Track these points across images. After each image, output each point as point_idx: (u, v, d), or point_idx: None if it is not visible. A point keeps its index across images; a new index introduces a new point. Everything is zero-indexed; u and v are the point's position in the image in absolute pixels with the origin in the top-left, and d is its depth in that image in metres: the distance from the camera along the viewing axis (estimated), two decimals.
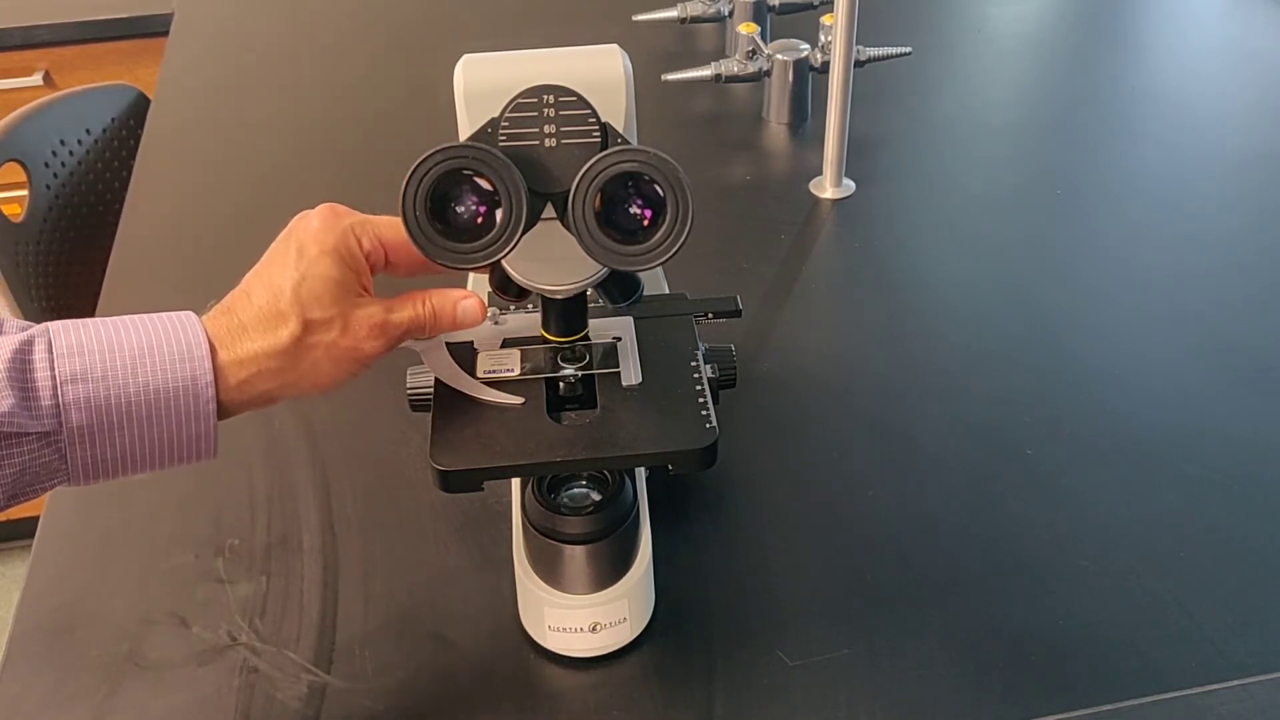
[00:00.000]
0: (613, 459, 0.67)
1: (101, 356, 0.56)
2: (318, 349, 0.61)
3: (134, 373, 0.57)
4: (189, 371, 0.58)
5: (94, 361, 0.56)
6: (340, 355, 0.62)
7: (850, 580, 0.76)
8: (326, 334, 0.61)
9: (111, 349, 0.57)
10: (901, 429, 0.89)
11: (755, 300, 1.03)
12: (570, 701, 0.69)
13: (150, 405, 0.57)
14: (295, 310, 0.60)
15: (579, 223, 0.60)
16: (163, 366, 0.57)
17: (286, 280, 0.61)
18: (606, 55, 0.65)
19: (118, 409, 0.56)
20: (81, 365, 0.56)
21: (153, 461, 0.59)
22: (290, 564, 0.78)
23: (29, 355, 0.56)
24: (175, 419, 0.58)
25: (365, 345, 0.63)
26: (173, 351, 0.58)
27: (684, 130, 1.33)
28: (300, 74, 1.51)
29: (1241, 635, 0.72)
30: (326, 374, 0.62)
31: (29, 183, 1.34)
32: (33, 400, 0.55)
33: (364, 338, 0.62)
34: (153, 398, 0.57)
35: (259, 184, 1.27)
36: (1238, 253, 1.09)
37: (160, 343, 0.58)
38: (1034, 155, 1.28)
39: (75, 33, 1.78)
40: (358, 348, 0.62)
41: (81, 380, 0.56)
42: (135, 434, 0.57)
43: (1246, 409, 0.90)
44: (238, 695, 0.70)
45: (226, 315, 0.61)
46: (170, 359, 0.58)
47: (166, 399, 0.57)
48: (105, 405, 0.56)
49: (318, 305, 0.61)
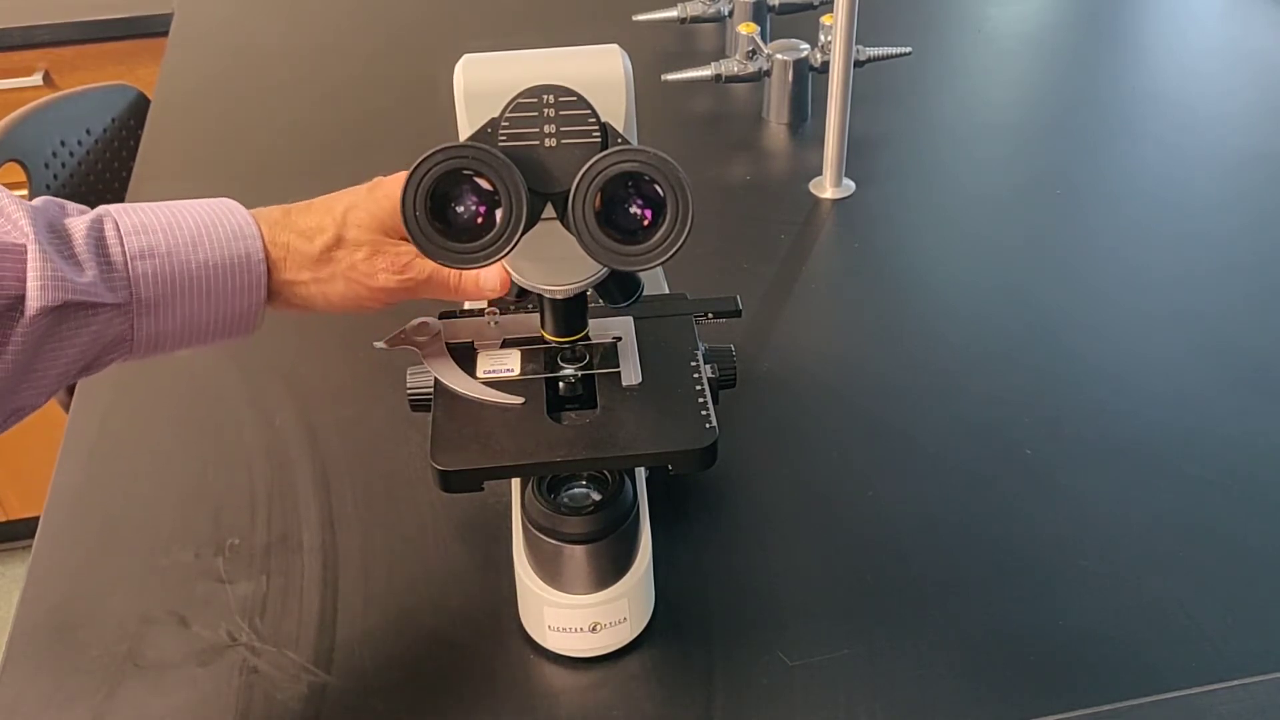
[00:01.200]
0: (613, 459, 0.67)
1: (165, 234, 0.61)
2: (340, 264, 0.66)
3: (195, 248, 0.62)
4: (243, 248, 0.63)
5: (158, 239, 0.61)
6: (355, 277, 0.66)
7: (850, 580, 0.76)
8: (352, 255, 0.66)
9: (172, 228, 0.62)
10: (901, 429, 0.89)
11: (755, 300, 1.03)
12: (570, 701, 0.69)
13: (210, 279, 0.62)
14: (335, 226, 0.66)
15: (579, 223, 0.60)
16: (221, 244, 0.63)
17: (343, 202, 0.67)
18: (606, 55, 0.65)
19: (181, 282, 0.61)
20: (149, 242, 0.61)
21: (206, 334, 0.64)
22: (290, 563, 0.78)
23: (101, 232, 0.60)
24: (231, 291, 0.63)
25: (380, 276, 0.67)
26: (228, 230, 0.63)
27: (684, 130, 1.33)
28: (300, 74, 1.51)
29: (1241, 635, 0.72)
30: (338, 293, 0.67)
31: (29, 183, 1.34)
32: (110, 272, 0.60)
33: (382, 268, 0.66)
34: (212, 271, 0.62)
35: (258, 184, 1.27)
36: (1238, 253, 1.09)
37: (216, 222, 0.63)
38: (1034, 155, 1.28)
39: (75, 33, 1.78)
40: (373, 275, 0.66)
41: (149, 256, 0.61)
42: (196, 306, 0.62)
43: (1246, 409, 0.90)
44: (237, 695, 0.70)
45: (281, 210, 0.67)
46: (227, 236, 0.63)
47: (224, 273, 0.63)
48: (170, 278, 0.61)
49: (356, 229, 0.66)
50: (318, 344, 0.99)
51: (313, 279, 0.66)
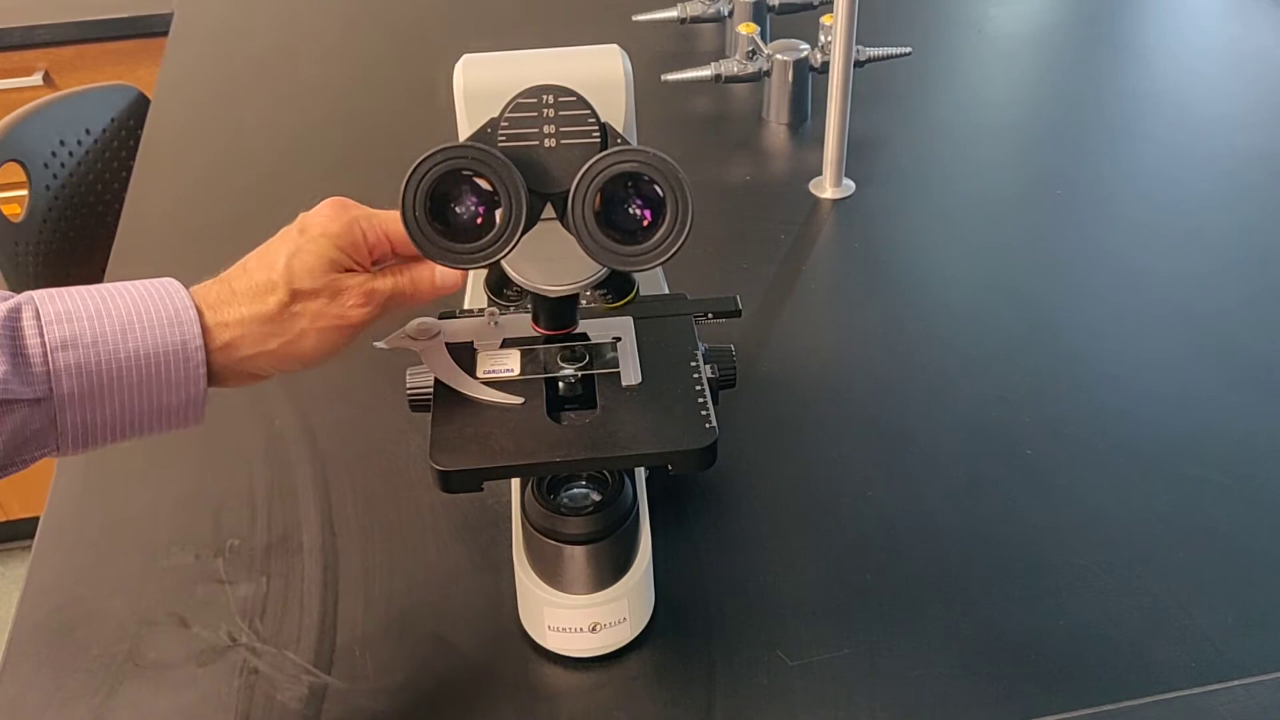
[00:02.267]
0: (612, 459, 0.67)
1: (91, 323, 0.57)
2: (303, 318, 0.62)
3: (124, 338, 0.57)
4: (178, 336, 0.58)
5: (83, 328, 0.57)
6: (327, 324, 0.63)
7: (850, 580, 0.76)
8: (313, 302, 0.62)
9: (100, 315, 0.57)
10: (901, 429, 0.89)
11: (755, 300, 1.03)
12: (570, 701, 0.69)
13: (141, 370, 0.57)
14: (285, 279, 0.62)
15: (579, 223, 0.60)
16: (152, 331, 0.58)
17: (282, 254, 0.62)
18: (606, 55, 0.65)
19: (109, 374, 0.57)
20: (71, 331, 0.56)
21: (142, 427, 0.59)
22: (290, 564, 0.78)
23: (18, 321, 0.56)
24: (166, 383, 0.58)
25: (352, 313, 0.64)
26: (162, 316, 0.58)
27: (684, 130, 1.33)
28: (300, 74, 1.51)
29: (1241, 635, 0.72)
30: (312, 345, 0.63)
31: (29, 183, 1.34)
32: (24, 366, 0.55)
33: (350, 305, 0.63)
34: (143, 362, 0.57)
35: (258, 184, 1.27)
36: (1238, 253, 1.09)
37: (148, 308, 0.58)
38: (1034, 155, 1.28)
39: (75, 33, 1.78)
40: (344, 315, 0.63)
41: (72, 346, 0.56)
42: (126, 399, 0.58)
43: (1246, 409, 0.90)
44: (238, 696, 0.70)
45: (219, 284, 0.62)
46: (159, 323, 0.58)
47: (157, 363, 0.58)
48: (96, 371, 0.56)
49: (308, 277, 0.62)
50: None
51: (280, 344, 0.62)
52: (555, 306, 0.70)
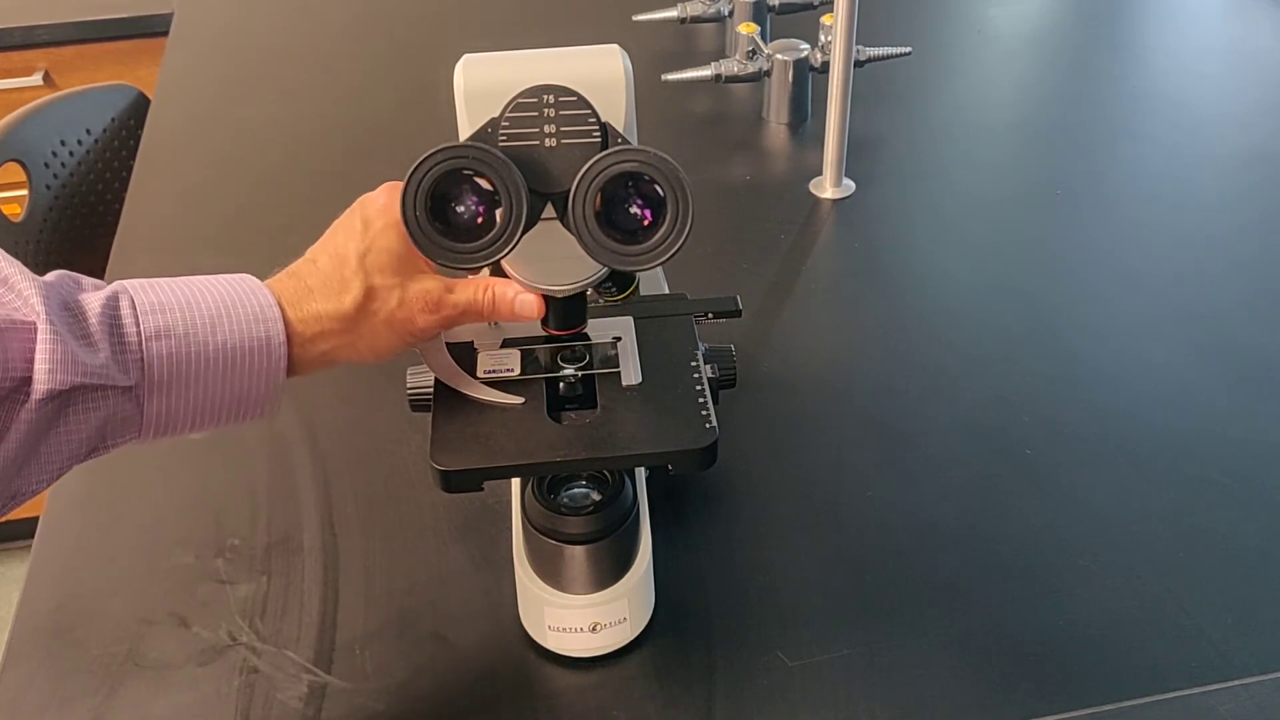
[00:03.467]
0: (612, 459, 0.67)
1: (183, 314, 0.59)
2: (378, 316, 0.64)
3: (213, 330, 0.59)
4: (264, 331, 0.60)
5: (176, 319, 0.58)
6: (398, 326, 0.64)
7: (850, 580, 0.76)
8: (387, 303, 0.64)
9: (190, 306, 0.59)
10: (901, 429, 0.89)
11: (755, 300, 1.03)
12: (570, 701, 0.69)
13: (227, 362, 0.59)
14: (360, 277, 0.63)
15: (579, 223, 0.60)
16: (239, 326, 0.60)
17: (352, 249, 0.63)
18: (606, 55, 0.65)
19: (197, 365, 0.59)
20: (165, 322, 0.58)
21: (220, 417, 0.61)
22: (290, 564, 0.78)
23: (116, 310, 0.58)
24: (248, 375, 0.60)
25: (419, 319, 0.65)
26: (248, 312, 0.60)
27: (684, 130, 1.33)
28: (300, 74, 1.51)
29: (1241, 635, 0.72)
30: (384, 341, 0.65)
31: (29, 183, 1.34)
32: (122, 354, 0.57)
33: (419, 310, 0.64)
34: (230, 355, 0.59)
35: (259, 184, 1.27)
36: (1238, 253, 1.09)
37: (236, 303, 0.60)
38: (1034, 156, 1.28)
39: (75, 33, 1.78)
40: (412, 319, 0.64)
41: (165, 337, 0.58)
42: (209, 390, 0.60)
43: (1246, 409, 0.90)
44: (238, 695, 0.70)
45: (293, 279, 0.64)
46: (247, 319, 0.60)
47: (242, 356, 0.60)
48: (186, 361, 0.58)
49: (380, 274, 0.63)
50: None
51: (356, 338, 0.64)
52: (563, 307, 0.70)
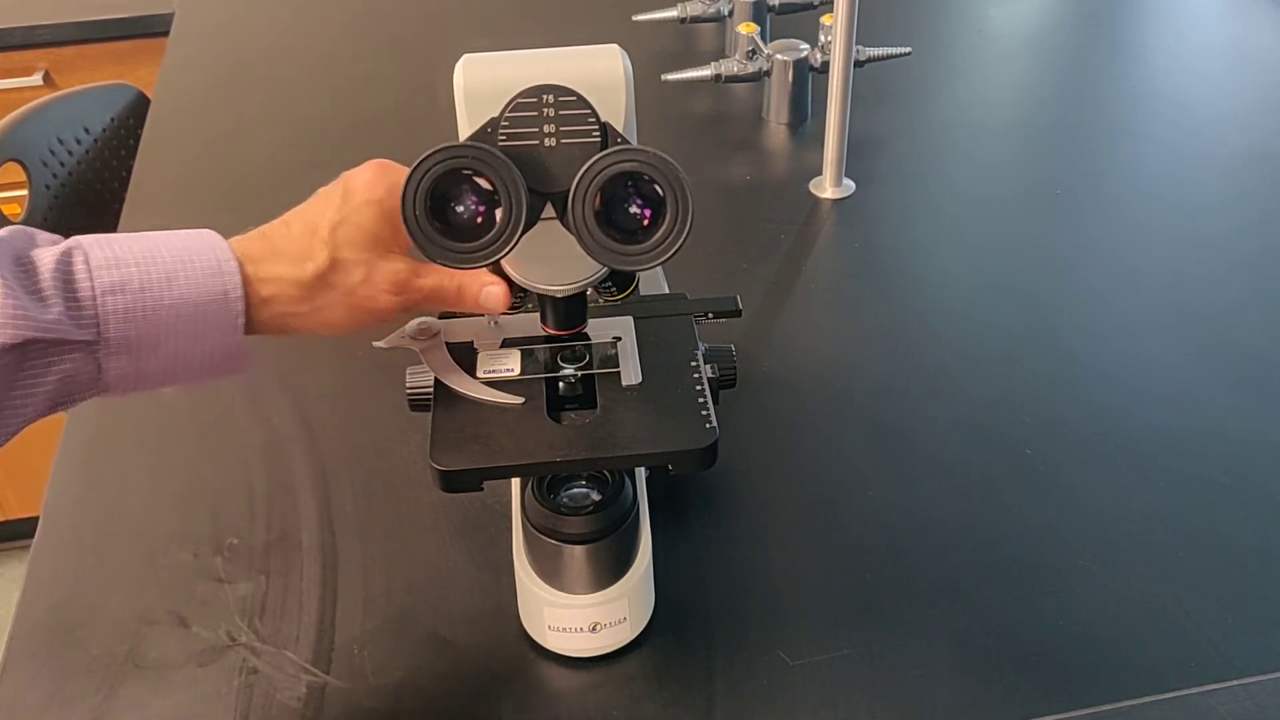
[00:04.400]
0: (613, 459, 0.67)
1: (139, 269, 0.58)
2: (338, 289, 0.63)
3: (169, 285, 0.59)
4: (221, 286, 0.60)
5: (131, 274, 0.58)
6: (356, 303, 0.64)
7: (850, 580, 0.76)
8: (349, 277, 0.63)
9: (146, 262, 0.59)
10: (901, 429, 0.89)
11: (755, 300, 1.03)
12: (570, 701, 0.69)
13: (184, 317, 0.59)
14: (327, 248, 0.62)
15: (579, 223, 0.60)
16: (196, 280, 0.59)
17: (326, 219, 0.63)
18: (606, 55, 0.65)
19: (154, 320, 0.58)
20: (120, 277, 0.58)
21: (185, 374, 0.61)
22: (290, 563, 0.78)
23: (69, 265, 0.57)
24: (207, 331, 0.60)
25: (381, 298, 0.64)
26: (205, 266, 0.60)
27: (684, 130, 1.33)
28: (300, 74, 1.51)
29: (1241, 635, 0.72)
30: (340, 315, 0.64)
31: (28, 182, 1.34)
32: (76, 309, 0.56)
33: (383, 290, 0.64)
34: (188, 310, 0.59)
35: (258, 184, 1.27)
36: (1238, 253, 1.09)
37: (193, 258, 0.60)
38: (1034, 155, 1.28)
39: (75, 33, 1.78)
40: (374, 298, 0.64)
41: (120, 291, 0.57)
42: (170, 346, 0.59)
43: (1246, 409, 0.90)
44: (237, 695, 0.70)
45: (261, 239, 0.63)
46: (203, 273, 0.60)
47: (200, 311, 0.59)
48: (143, 316, 0.58)
49: (349, 248, 0.63)
50: (317, 343, 0.98)
51: (311, 309, 0.63)
52: (564, 306, 0.70)
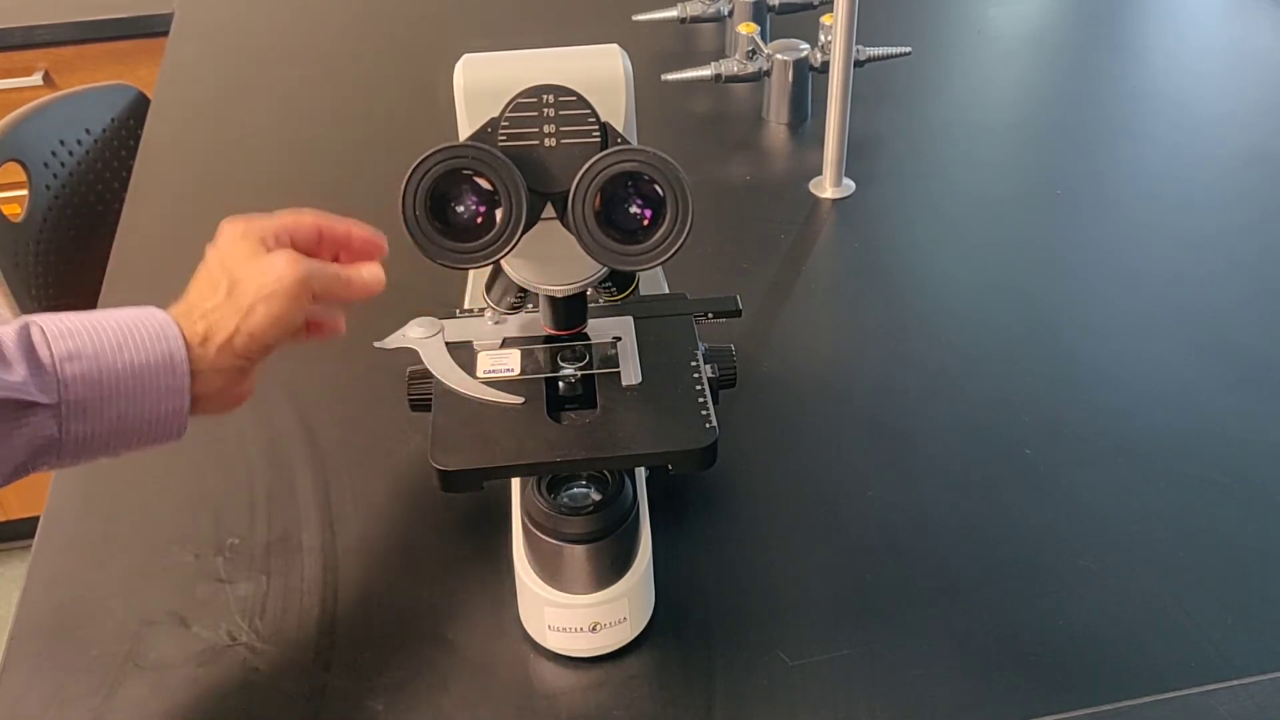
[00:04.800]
0: (613, 459, 0.67)
1: (91, 337, 0.62)
2: (247, 293, 0.66)
3: (119, 350, 0.62)
4: (166, 347, 0.63)
5: (85, 342, 0.62)
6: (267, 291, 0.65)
7: (850, 580, 0.76)
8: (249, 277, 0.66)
9: (96, 331, 0.62)
10: (901, 429, 0.89)
11: (755, 300, 1.03)
12: (570, 701, 0.69)
13: (136, 379, 0.62)
14: (221, 269, 0.67)
15: (579, 223, 0.60)
16: (144, 345, 0.63)
17: (212, 262, 0.68)
18: (606, 55, 0.65)
19: (109, 383, 0.61)
20: (75, 345, 0.61)
21: (133, 439, 0.64)
22: (290, 563, 0.78)
23: (28, 336, 0.61)
24: (156, 392, 0.63)
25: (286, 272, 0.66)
26: (150, 331, 0.64)
27: (684, 130, 1.33)
28: (300, 74, 1.51)
29: (1241, 635, 0.72)
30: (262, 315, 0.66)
31: (29, 183, 1.34)
32: (40, 374, 0.60)
33: (283, 265, 0.66)
34: (138, 372, 0.62)
35: (258, 184, 1.27)
36: (1238, 253, 1.09)
37: (136, 326, 0.63)
38: (1034, 155, 1.28)
39: (75, 33, 1.78)
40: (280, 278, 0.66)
41: (77, 358, 0.61)
42: (122, 409, 0.62)
43: (1246, 409, 0.90)
44: (238, 695, 0.70)
45: (180, 303, 0.68)
46: (149, 338, 0.63)
47: (149, 373, 0.63)
48: (98, 381, 0.61)
49: (236, 259, 0.67)
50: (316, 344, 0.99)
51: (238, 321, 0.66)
52: (564, 306, 0.70)
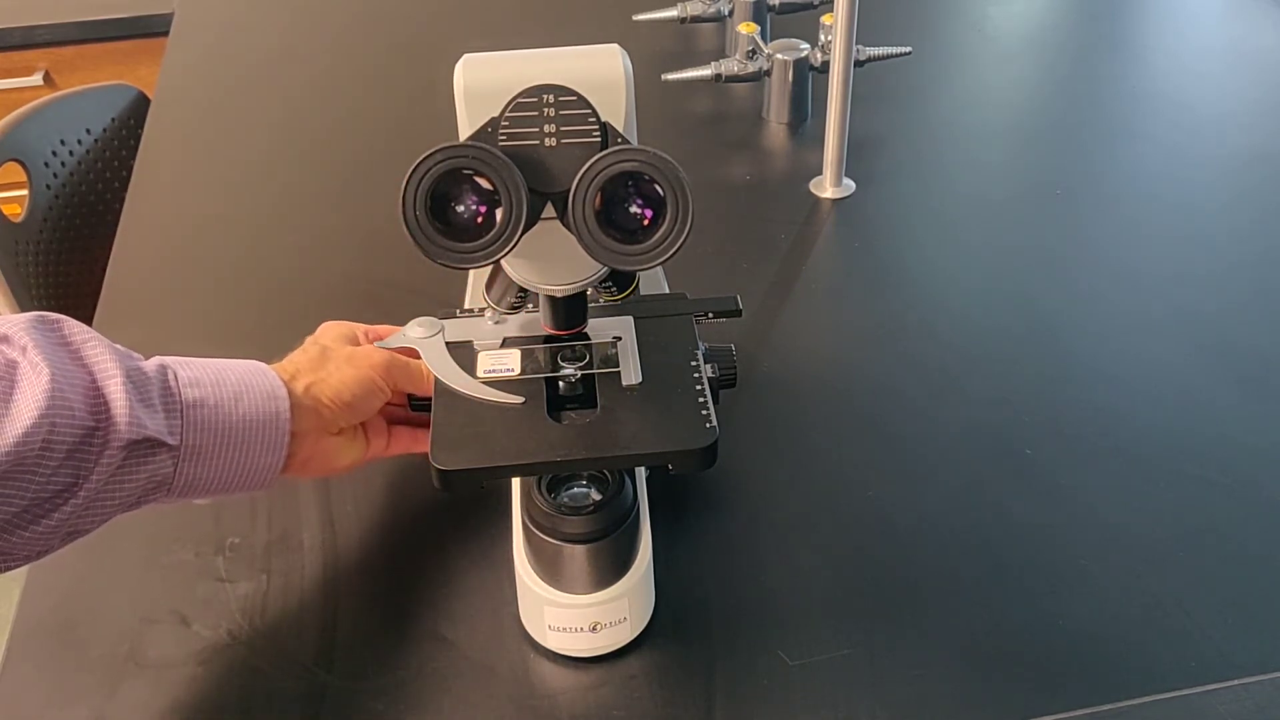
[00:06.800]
0: (613, 459, 0.67)
1: (214, 388, 0.67)
2: (335, 360, 0.74)
3: (236, 404, 0.67)
4: (274, 408, 0.69)
5: (209, 392, 0.67)
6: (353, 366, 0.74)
7: (850, 580, 0.76)
8: (339, 350, 0.75)
9: (219, 383, 0.68)
10: (901, 429, 0.89)
11: (755, 300, 1.03)
12: (570, 701, 0.69)
13: (245, 432, 0.67)
14: (313, 339, 0.77)
15: (579, 222, 0.60)
16: (256, 402, 0.68)
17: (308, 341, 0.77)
18: (606, 55, 0.65)
19: (224, 433, 0.66)
20: (201, 394, 0.66)
21: (232, 483, 0.68)
22: (290, 562, 0.78)
23: (166, 379, 0.66)
24: (261, 446, 0.68)
25: (375, 354, 0.75)
26: (262, 389, 0.69)
27: (684, 130, 1.33)
28: (300, 74, 1.51)
29: (1241, 635, 0.72)
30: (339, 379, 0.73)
31: (29, 182, 1.34)
32: (173, 417, 0.65)
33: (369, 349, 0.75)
34: (248, 427, 0.67)
35: (259, 184, 1.27)
36: (1238, 253, 1.09)
37: (251, 383, 0.69)
38: (1034, 155, 1.28)
39: (75, 33, 1.78)
40: (369, 355, 0.75)
41: (201, 406, 0.66)
42: (229, 456, 0.67)
43: (1246, 409, 0.90)
44: (238, 694, 0.70)
45: (287, 363, 0.74)
46: (262, 395, 0.69)
47: (257, 429, 0.68)
48: (216, 428, 0.66)
49: (331, 339, 0.77)
50: None
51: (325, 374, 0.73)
52: (564, 306, 0.70)
